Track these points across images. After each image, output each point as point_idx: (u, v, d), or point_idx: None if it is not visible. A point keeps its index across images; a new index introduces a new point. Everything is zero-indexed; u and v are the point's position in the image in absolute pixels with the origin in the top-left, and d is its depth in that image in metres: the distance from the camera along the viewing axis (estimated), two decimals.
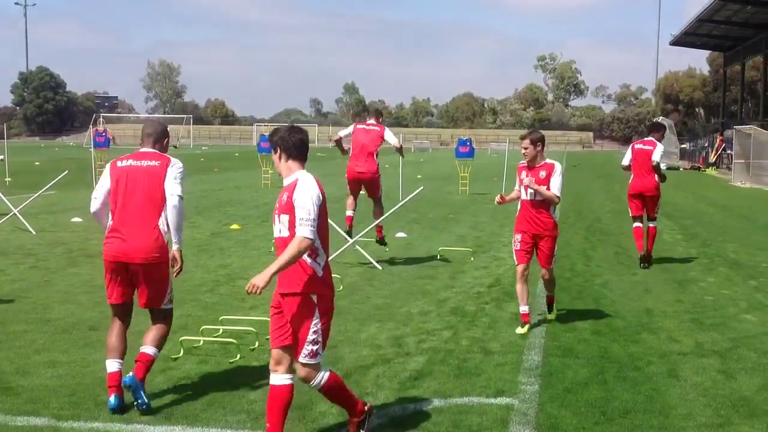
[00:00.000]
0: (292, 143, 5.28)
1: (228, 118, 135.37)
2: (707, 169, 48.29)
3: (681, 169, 51.12)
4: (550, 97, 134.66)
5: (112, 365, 5.77)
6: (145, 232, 5.72)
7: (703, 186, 33.51)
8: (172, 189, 5.81)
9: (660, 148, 11.95)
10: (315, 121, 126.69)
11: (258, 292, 4.80)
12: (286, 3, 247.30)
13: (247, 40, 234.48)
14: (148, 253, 5.71)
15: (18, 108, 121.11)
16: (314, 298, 4.94)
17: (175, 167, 5.90)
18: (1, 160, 33.56)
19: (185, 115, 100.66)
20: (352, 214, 12.06)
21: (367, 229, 12.19)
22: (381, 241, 12.49)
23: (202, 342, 7.40)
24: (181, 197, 5.83)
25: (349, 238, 11.94)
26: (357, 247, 11.96)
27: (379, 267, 11.48)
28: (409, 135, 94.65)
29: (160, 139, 6.15)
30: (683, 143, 65.20)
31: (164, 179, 5.82)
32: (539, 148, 8.13)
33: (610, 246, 14.33)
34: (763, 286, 10.82)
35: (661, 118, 65.68)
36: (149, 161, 5.91)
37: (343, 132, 12.41)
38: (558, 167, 8.10)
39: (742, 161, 36.64)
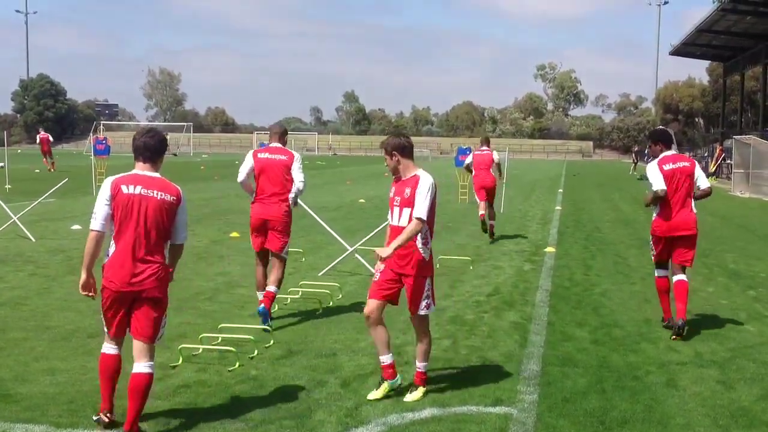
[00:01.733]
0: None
1: (228, 126, 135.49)
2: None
3: None
4: (549, 106, 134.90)
5: (260, 296, 8.62)
6: (278, 201, 8.61)
7: None
8: (298, 176, 8.65)
9: (698, 165, 8.90)
10: (315, 130, 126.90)
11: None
12: (286, 11, 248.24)
13: (247, 48, 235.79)
14: (277, 215, 8.63)
15: (18, 115, 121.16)
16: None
17: (298, 160, 8.71)
18: (1, 167, 33.60)
19: (185, 123, 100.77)
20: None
21: (366, 238, 12.18)
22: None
23: (201, 350, 7.40)
24: (303, 182, 8.69)
25: (348, 247, 11.94)
26: (356, 255, 11.96)
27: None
28: None
29: (284, 136, 8.85)
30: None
31: (291, 168, 8.61)
32: (396, 158, 6.38)
33: (609, 255, 14.34)
34: (762, 296, 10.82)
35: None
36: (280, 155, 8.64)
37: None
38: (424, 182, 6.27)
39: (742, 171, 36.68)
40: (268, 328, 8.18)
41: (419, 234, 6.27)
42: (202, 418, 5.72)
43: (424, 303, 6.40)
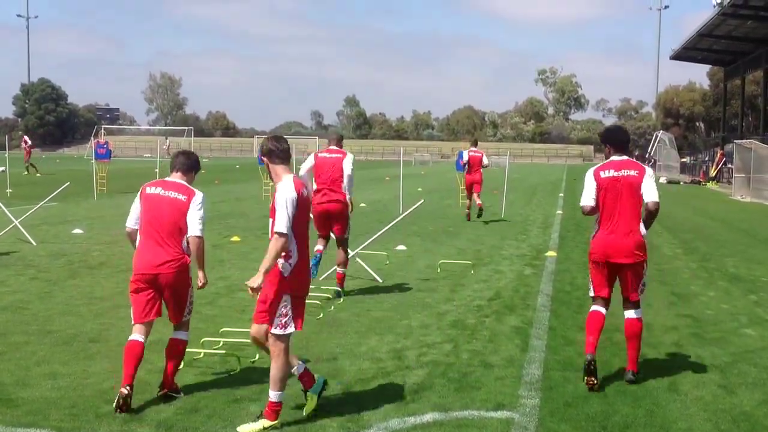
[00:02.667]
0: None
1: (229, 130, 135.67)
2: (708, 183, 48.39)
3: (681, 183, 51.21)
4: (550, 110, 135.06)
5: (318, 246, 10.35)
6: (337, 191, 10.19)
7: (704, 200, 33.54)
8: (347, 169, 10.23)
9: (650, 174, 7.07)
10: (315, 134, 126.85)
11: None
12: (287, 15, 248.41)
13: (248, 52, 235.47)
14: (335, 208, 10.23)
15: (19, 119, 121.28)
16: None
17: (348, 158, 10.35)
18: (2, 171, 33.63)
19: (186, 128, 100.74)
20: None
21: (367, 242, 12.19)
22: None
23: (202, 354, 7.40)
24: (349, 175, 10.26)
25: (349, 251, 11.93)
26: (358, 259, 11.96)
27: (380, 280, 11.48)
28: (409, 148, 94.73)
29: (340, 141, 10.67)
30: (684, 157, 65.29)
31: (342, 162, 10.22)
32: (266, 163, 5.96)
33: None
34: (763, 300, 10.82)
35: (661, 132, 65.92)
36: (335, 154, 10.33)
37: None
38: (279, 192, 5.64)
39: (743, 175, 36.70)
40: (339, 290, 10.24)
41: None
42: (203, 422, 5.72)
43: (277, 320, 5.64)
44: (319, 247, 10.58)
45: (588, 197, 6.96)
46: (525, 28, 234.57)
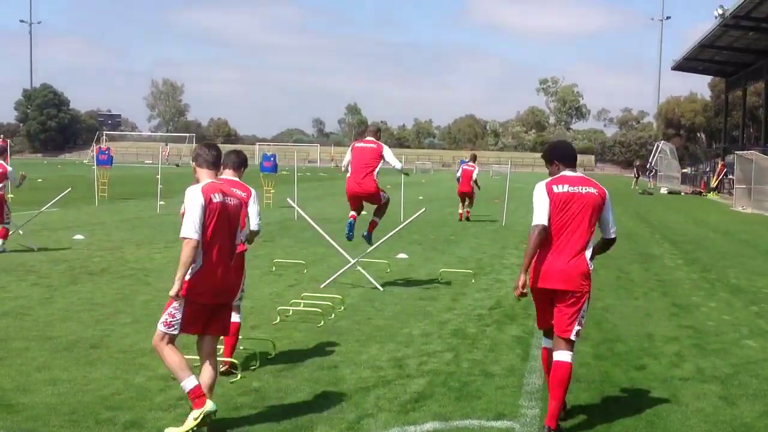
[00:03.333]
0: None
1: (230, 138, 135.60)
2: (708, 194, 48.40)
3: (682, 193, 51.24)
4: (551, 120, 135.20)
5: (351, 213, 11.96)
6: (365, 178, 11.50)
7: (705, 211, 33.54)
8: (392, 161, 11.63)
9: (609, 206, 6.24)
10: (317, 141, 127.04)
11: None
12: (288, 26, 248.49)
13: (250, 60, 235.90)
14: (367, 189, 11.60)
15: (21, 125, 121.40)
16: None
17: (387, 151, 11.58)
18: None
19: (188, 134, 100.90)
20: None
21: (369, 250, 12.19)
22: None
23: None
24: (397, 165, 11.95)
25: (350, 259, 11.95)
26: (358, 267, 11.96)
27: (381, 288, 11.48)
28: (411, 156, 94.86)
29: (377, 133, 11.88)
30: (684, 168, 65.34)
31: (381, 153, 11.57)
32: (194, 166, 6.06)
33: (611, 270, 14.32)
34: (765, 311, 10.81)
35: (662, 142, 65.96)
36: (370, 144, 11.60)
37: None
38: (187, 196, 5.69)
39: (744, 186, 36.70)
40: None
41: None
42: (201, 429, 5.70)
43: (164, 317, 5.65)
44: (352, 213, 11.96)
45: (541, 215, 5.98)
46: (527, 39, 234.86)
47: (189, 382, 5.52)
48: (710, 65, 63.50)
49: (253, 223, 7.01)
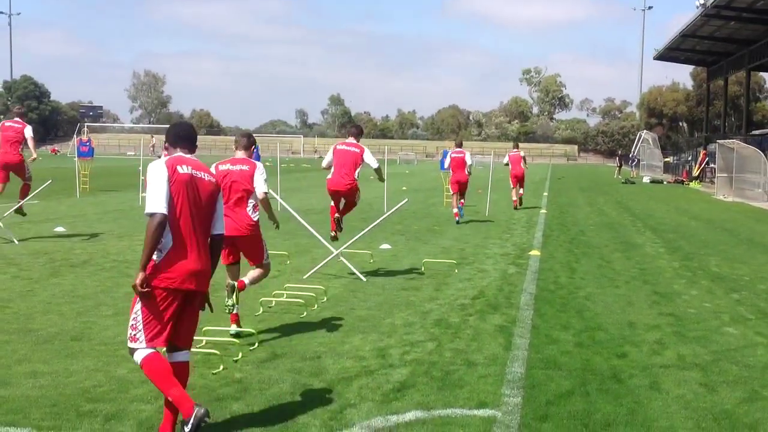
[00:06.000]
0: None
1: (213, 129, 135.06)
2: (691, 183, 48.71)
3: (665, 182, 51.53)
4: (535, 110, 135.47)
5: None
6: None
7: (687, 199, 33.74)
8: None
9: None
10: (300, 132, 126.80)
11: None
12: (270, 17, 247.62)
13: (232, 51, 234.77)
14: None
15: (2, 117, 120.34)
16: None
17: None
18: None
19: (170, 126, 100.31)
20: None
21: (351, 241, 12.19)
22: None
23: None
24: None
25: (333, 250, 11.94)
26: (341, 258, 11.95)
27: (364, 278, 11.48)
28: (394, 147, 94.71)
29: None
30: (667, 157, 65.69)
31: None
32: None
33: (593, 259, 14.40)
34: (745, 299, 10.89)
35: (645, 132, 66.25)
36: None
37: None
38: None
39: (725, 175, 36.95)
40: None
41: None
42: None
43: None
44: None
45: (161, 200, 5.22)
46: (510, 29, 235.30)
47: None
48: (692, 55, 63.69)
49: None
